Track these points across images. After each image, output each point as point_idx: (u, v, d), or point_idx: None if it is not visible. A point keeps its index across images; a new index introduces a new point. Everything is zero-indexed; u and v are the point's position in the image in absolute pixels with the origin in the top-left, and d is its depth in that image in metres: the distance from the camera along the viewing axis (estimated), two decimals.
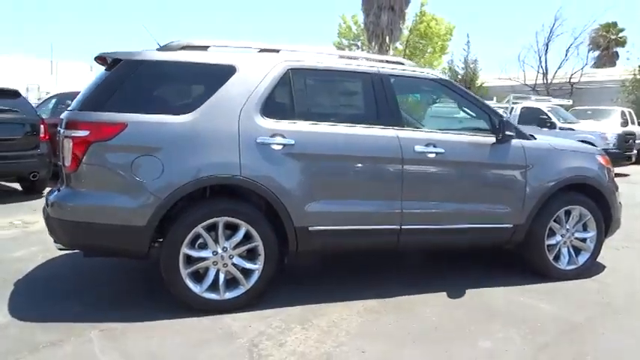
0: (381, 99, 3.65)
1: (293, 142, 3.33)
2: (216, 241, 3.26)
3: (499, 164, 3.89)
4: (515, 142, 3.93)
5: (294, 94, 3.47)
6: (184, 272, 3.19)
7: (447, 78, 4.11)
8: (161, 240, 3.23)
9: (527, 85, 23.93)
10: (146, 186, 3.09)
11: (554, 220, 4.08)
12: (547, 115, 12.97)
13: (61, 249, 3.36)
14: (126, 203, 3.09)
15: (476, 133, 3.90)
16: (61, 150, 3.22)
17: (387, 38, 26.94)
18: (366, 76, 3.68)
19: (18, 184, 7.82)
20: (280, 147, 3.30)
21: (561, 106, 15.01)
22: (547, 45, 24.75)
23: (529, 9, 51.49)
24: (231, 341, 2.89)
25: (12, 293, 3.52)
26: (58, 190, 3.35)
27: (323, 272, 4.16)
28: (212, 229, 3.25)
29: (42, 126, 7.29)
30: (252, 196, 3.30)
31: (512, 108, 13.58)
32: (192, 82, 3.39)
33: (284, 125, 3.36)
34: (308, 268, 4.15)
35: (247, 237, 3.31)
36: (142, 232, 3.10)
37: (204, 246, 3.26)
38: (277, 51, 3.58)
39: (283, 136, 3.32)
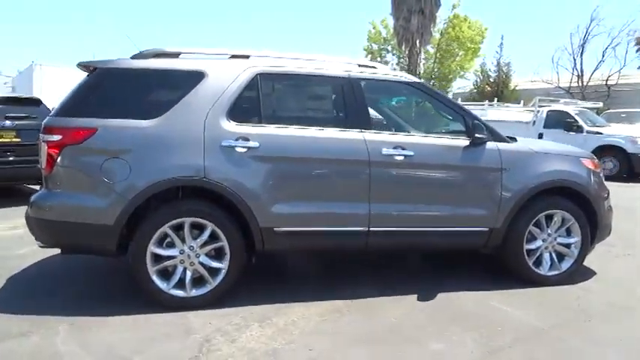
0: (350, 102, 3.71)
1: (258, 144, 3.44)
2: (183, 240, 3.39)
3: (472, 167, 3.86)
4: (490, 144, 3.90)
5: (261, 98, 3.58)
6: (152, 269, 3.34)
7: (420, 81, 4.11)
8: None
9: (561, 87, 23.25)
10: (114, 187, 3.26)
11: (535, 225, 4.01)
12: (574, 118, 12.60)
13: (42, 247, 3.56)
14: (96, 203, 3.27)
15: (448, 135, 3.90)
16: (39, 153, 3.44)
17: (418, 42, 26.79)
18: (336, 80, 3.75)
19: (38, 186, 8.25)
20: (245, 150, 3.41)
21: (592, 109, 14.53)
22: (582, 46, 24.00)
23: (564, 9, 49.81)
24: (187, 336, 3.00)
25: (0, 288, 3.76)
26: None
27: (294, 272, 4.27)
28: (180, 228, 3.39)
29: None
30: (218, 197, 3.42)
31: (539, 111, 13.27)
32: (162, 88, 3.53)
33: (249, 129, 3.47)
34: (279, 267, 4.25)
35: (214, 237, 3.43)
36: (111, 231, 3.26)
37: (172, 245, 3.40)
38: (247, 57, 3.70)
39: (248, 139, 3.43)
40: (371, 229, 3.66)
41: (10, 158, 7.11)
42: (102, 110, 3.36)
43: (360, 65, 3.87)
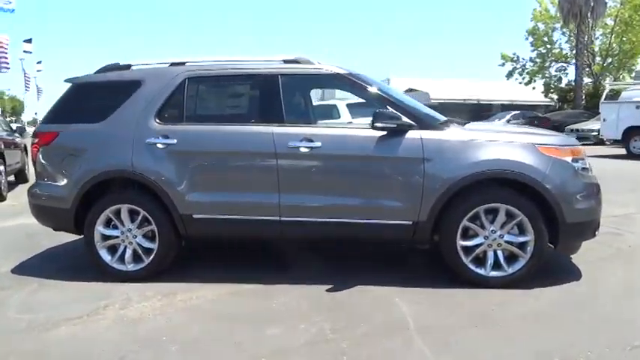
0: (265, 98, 3.93)
1: (175, 141, 3.91)
2: (122, 223, 4.06)
3: (387, 157, 3.71)
4: (413, 133, 3.70)
5: (185, 100, 4.03)
6: (99, 245, 4.07)
7: (344, 71, 4.02)
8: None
9: None
10: (70, 178, 4.08)
11: (472, 220, 3.67)
12: None
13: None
14: (59, 191, 4.13)
15: (365, 126, 3.81)
16: None
17: (588, 15, 23.60)
18: (254, 78, 4.00)
19: None
20: (164, 146, 3.92)
21: None
22: None
23: None
24: (96, 301, 3.61)
25: (15, 253, 4.86)
26: None
27: (239, 257, 4.60)
28: (123, 213, 4.06)
29: None
30: (146, 187, 3.98)
31: None
32: (110, 96, 4.18)
33: (170, 127, 3.96)
34: (231, 251, 4.62)
35: (147, 221, 4.02)
36: (68, 213, 4.09)
37: (116, 226, 4.09)
38: (183, 64, 4.18)
39: (167, 137, 3.92)
40: (282, 218, 3.83)
41: None
42: (67, 117, 4.22)
43: (285, 61, 4.03)
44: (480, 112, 28.09)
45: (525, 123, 23.04)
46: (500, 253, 3.70)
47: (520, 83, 30.14)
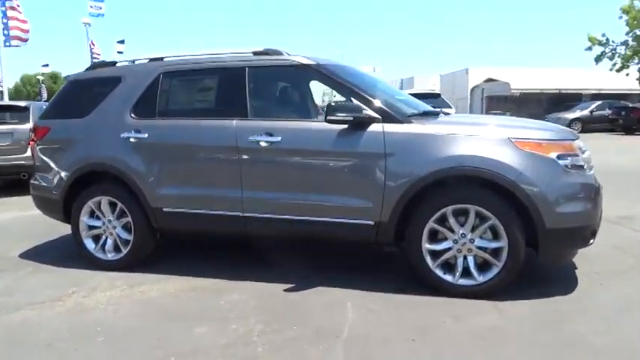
0: (232, 92, 3.85)
1: (146, 135, 3.97)
2: (104, 214, 4.20)
3: (347, 152, 3.49)
4: (375, 126, 3.45)
5: (159, 95, 4.05)
6: (84, 235, 4.25)
7: (311, 62, 3.79)
8: None
9: None
10: (59, 170, 4.29)
11: (440, 222, 3.35)
12: None
13: None
14: (50, 183, 4.37)
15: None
16: None
17: None
18: (224, 71, 3.93)
19: None
20: (136, 140, 3.99)
21: None
22: None
23: None
24: (70, 288, 3.75)
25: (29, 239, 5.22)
26: None
27: (220, 251, 4.58)
28: (108, 204, 4.20)
29: None
30: (121, 180, 4.08)
31: None
32: (94, 92, 4.32)
33: (143, 122, 4.02)
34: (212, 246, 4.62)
35: (125, 213, 4.13)
36: (58, 204, 4.31)
37: (98, 217, 4.25)
38: (161, 59, 4.22)
39: (139, 131, 3.99)
40: (245, 214, 3.75)
41: None
42: (58, 112, 4.45)
43: (254, 53, 3.92)
44: (565, 101, 25.93)
45: (612, 113, 20.93)
46: (471, 260, 3.35)
47: (610, 70, 27.23)
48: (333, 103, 3.37)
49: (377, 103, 3.51)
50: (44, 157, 4.43)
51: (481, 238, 3.32)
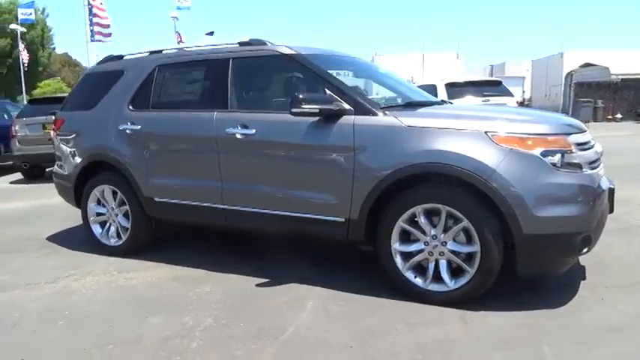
0: (215, 83, 3.84)
1: (139, 127, 4.09)
2: (107, 202, 4.41)
3: (317, 145, 3.33)
4: (346, 118, 3.26)
5: (153, 87, 4.15)
6: (92, 220, 4.50)
7: (291, 52, 3.61)
8: None
9: None
10: (71, 159, 4.57)
11: (411, 222, 3.12)
12: None
13: None
14: (65, 170, 4.66)
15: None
16: None
17: None
18: (211, 63, 3.91)
19: None
20: (131, 131, 4.12)
21: None
22: None
23: None
24: (69, 271, 3.99)
25: (62, 222, 5.60)
26: None
27: (222, 241, 4.60)
28: (111, 193, 4.41)
29: None
30: (120, 170, 4.24)
31: None
32: (101, 85, 4.49)
33: (138, 114, 4.14)
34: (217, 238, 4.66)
35: (124, 202, 4.31)
36: (71, 190, 4.59)
37: (104, 205, 4.47)
38: (160, 52, 4.31)
39: (134, 123, 4.12)
40: (225, 207, 3.75)
41: None
42: (73, 104, 4.71)
43: (240, 44, 3.87)
44: None
45: None
46: (443, 264, 3.08)
47: None
48: (300, 95, 3.21)
49: (349, 94, 3.32)
50: (61, 147, 4.73)
51: (454, 241, 3.04)
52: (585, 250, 2.93)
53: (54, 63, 47.97)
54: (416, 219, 3.09)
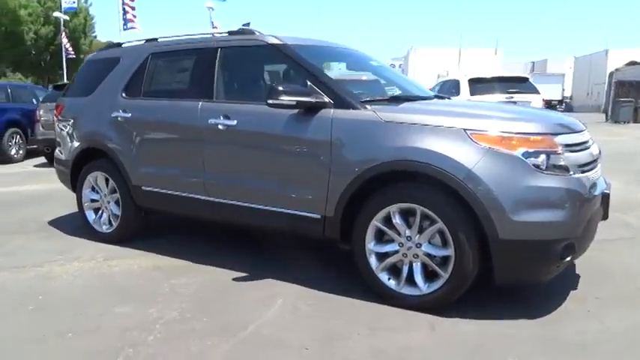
0: (203, 73, 3.78)
1: (129, 115, 4.08)
2: (100, 189, 4.44)
3: (294, 138, 3.23)
4: (325, 111, 3.15)
5: (145, 75, 4.13)
6: (86, 207, 4.54)
7: (277, 42, 3.50)
8: None
9: None
10: (68, 145, 4.62)
11: (386, 221, 2.99)
12: None
13: None
14: (63, 155, 4.72)
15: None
16: None
17: None
18: (200, 52, 3.86)
19: None
20: (122, 119, 4.12)
21: None
22: None
23: None
24: (57, 256, 4.04)
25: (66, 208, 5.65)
26: None
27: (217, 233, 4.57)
28: (103, 180, 4.43)
29: None
30: (110, 157, 4.25)
31: None
32: (100, 72, 4.51)
33: (130, 102, 4.13)
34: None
35: (115, 190, 4.33)
36: (67, 175, 4.65)
37: (97, 192, 4.50)
38: (156, 39, 4.29)
39: (125, 111, 4.11)
40: (208, 198, 3.70)
41: None
42: (73, 91, 4.76)
43: (229, 33, 3.80)
44: None
45: None
46: (417, 266, 2.94)
47: None
48: (278, 86, 3.11)
49: (331, 87, 3.20)
50: (60, 132, 4.79)
51: (430, 243, 2.89)
52: (568, 258, 2.74)
53: (95, 50, 49.30)
54: (392, 219, 2.96)
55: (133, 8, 18.41)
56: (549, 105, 20.40)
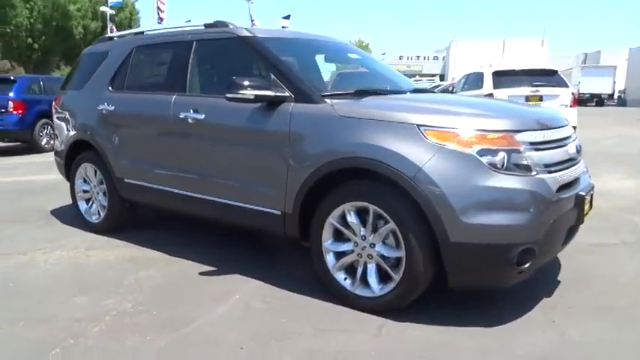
0: (179, 66, 3.76)
1: (113, 108, 4.13)
2: (90, 180, 4.54)
3: (256, 132, 3.17)
4: (285, 106, 3.08)
5: (129, 68, 4.17)
6: (78, 197, 4.65)
7: (248, 34, 3.42)
8: None
9: None
10: (64, 137, 4.74)
11: (342, 220, 2.89)
12: None
13: None
14: (59, 146, 4.85)
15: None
16: None
17: None
18: (178, 45, 3.84)
19: None
20: (106, 112, 4.18)
21: None
22: None
23: None
24: (44, 244, 4.16)
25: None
26: None
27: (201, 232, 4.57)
28: (93, 172, 4.52)
29: None
30: (96, 149, 4.32)
31: None
32: (91, 66, 4.58)
33: (114, 95, 4.19)
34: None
35: (102, 181, 4.41)
36: (64, 165, 4.78)
37: (87, 182, 4.60)
38: (142, 33, 4.32)
39: (110, 104, 4.17)
40: (181, 192, 3.70)
41: None
42: (69, 84, 4.87)
43: (205, 26, 3.77)
44: None
45: None
46: (371, 267, 2.83)
47: None
48: (237, 80, 3.04)
49: (292, 80, 3.11)
50: (57, 124, 4.92)
51: (384, 244, 2.77)
52: (527, 264, 2.56)
53: None
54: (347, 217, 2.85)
55: (163, 3, 18.87)
56: (580, 101, 19.31)
